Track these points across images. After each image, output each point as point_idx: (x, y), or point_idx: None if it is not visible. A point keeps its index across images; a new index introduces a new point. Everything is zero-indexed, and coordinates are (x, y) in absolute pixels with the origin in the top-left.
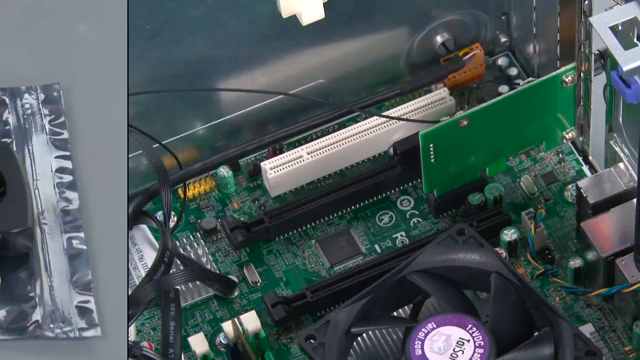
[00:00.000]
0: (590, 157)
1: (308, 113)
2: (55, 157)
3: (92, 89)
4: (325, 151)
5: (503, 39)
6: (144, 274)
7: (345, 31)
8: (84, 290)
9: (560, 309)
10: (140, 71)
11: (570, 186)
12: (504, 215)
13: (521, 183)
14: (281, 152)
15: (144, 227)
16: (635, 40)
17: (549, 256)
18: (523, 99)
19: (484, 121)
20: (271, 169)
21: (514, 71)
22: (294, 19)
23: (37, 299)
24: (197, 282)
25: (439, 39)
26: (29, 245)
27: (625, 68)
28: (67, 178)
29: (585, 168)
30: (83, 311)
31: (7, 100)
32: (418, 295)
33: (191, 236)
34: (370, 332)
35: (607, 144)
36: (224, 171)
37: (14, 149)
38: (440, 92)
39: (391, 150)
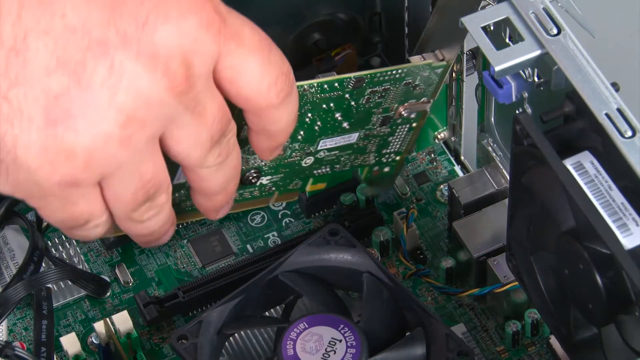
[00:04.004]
0: (462, 157)
1: None
2: None
3: None
4: None
5: (375, 39)
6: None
7: None
8: None
9: (432, 309)
10: None
11: (442, 186)
12: (376, 215)
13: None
14: None
15: (17, 227)
16: (507, 40)
17: (421, 256)
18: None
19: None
20: None
21: None
22: None
23: None
24: (69, 283)
25: (312, 38)
26: None
27: (497, 68)
28: None
29: (457, 168)
30: None
31: None
32: (290, 295)
33: (63, 236)
34: (242, 332)
35: (479, 144)
36: None
37: None
38: None
39: None
